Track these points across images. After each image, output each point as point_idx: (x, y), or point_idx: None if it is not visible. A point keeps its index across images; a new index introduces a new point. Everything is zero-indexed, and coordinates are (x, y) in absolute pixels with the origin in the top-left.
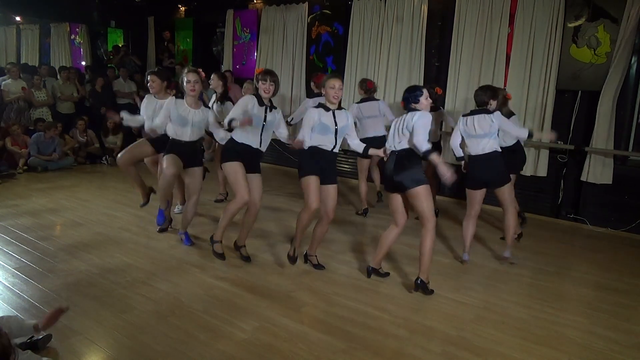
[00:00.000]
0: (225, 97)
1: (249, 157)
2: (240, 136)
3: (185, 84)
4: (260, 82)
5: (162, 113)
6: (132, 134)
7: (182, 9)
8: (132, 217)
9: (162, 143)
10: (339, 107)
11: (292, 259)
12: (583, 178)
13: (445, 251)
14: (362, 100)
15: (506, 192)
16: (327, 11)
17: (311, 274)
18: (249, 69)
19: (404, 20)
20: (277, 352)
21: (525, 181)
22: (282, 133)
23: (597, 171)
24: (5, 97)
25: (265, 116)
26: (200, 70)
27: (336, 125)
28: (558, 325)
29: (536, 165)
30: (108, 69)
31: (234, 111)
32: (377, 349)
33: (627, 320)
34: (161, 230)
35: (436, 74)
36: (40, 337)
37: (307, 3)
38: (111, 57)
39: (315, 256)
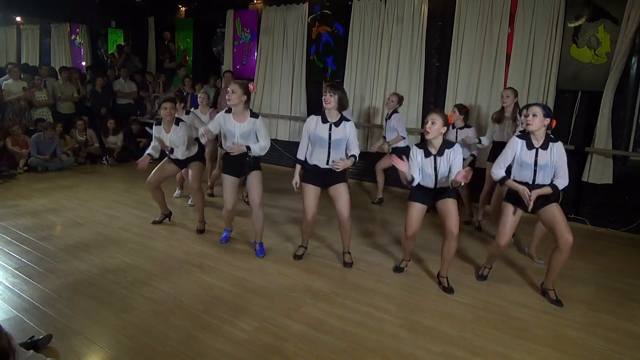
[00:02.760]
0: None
1: (322, 176)
2: (310, 157)
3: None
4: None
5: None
6: (132, 134)
7: (183, 9)
8: (132, 217)
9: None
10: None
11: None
12: (584, 178)
13: None
14: (463, 127)
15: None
16: (328, 11)
17: (311, 273)
18: (249, 69)
19: (404, 21)
20: (277, 352)
21: None
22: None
23: (598, 171)
24: (6, 97)
25: (330, 134)
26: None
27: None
28: (558, 325)
29: None
30: (108, 69)
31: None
32: (377, 349)
33: (627, 320)
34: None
35: (436, 74)
36: (41, 337)
37: (307, 3)
38: (112, 59)
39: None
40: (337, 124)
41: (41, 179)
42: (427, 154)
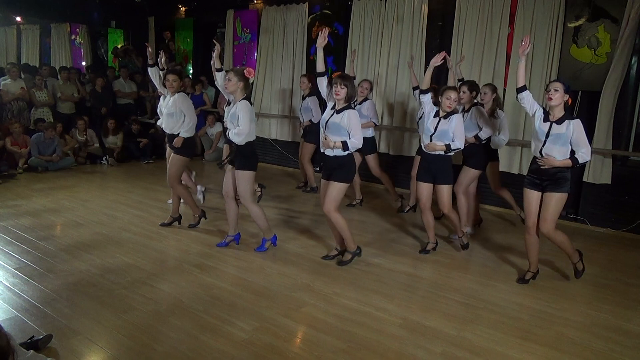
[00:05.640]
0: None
1: (328, 165)
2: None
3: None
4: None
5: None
6: (132, 134)
7: (183, 9)
8: (132, 217)
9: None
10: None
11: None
12: (584, 178)
13: (444, 251)
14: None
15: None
16: (328, 11)
17: (311, 273)
18: None
19: (404, 20)
20: (277, 352)
21: None
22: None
23: (597, 171)
24: (5, 97)
25: (329, 119)
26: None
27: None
28: (558, 325)
29: None
30: (108, 69)
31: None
32: (377, 349)
33: (627, 320)
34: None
35: (436, 74)
36: (41, 337)
37: (307, 3)
38: (116, 53)
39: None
40: (339, 111)
41: (41, 179)
42: (436, 114)
